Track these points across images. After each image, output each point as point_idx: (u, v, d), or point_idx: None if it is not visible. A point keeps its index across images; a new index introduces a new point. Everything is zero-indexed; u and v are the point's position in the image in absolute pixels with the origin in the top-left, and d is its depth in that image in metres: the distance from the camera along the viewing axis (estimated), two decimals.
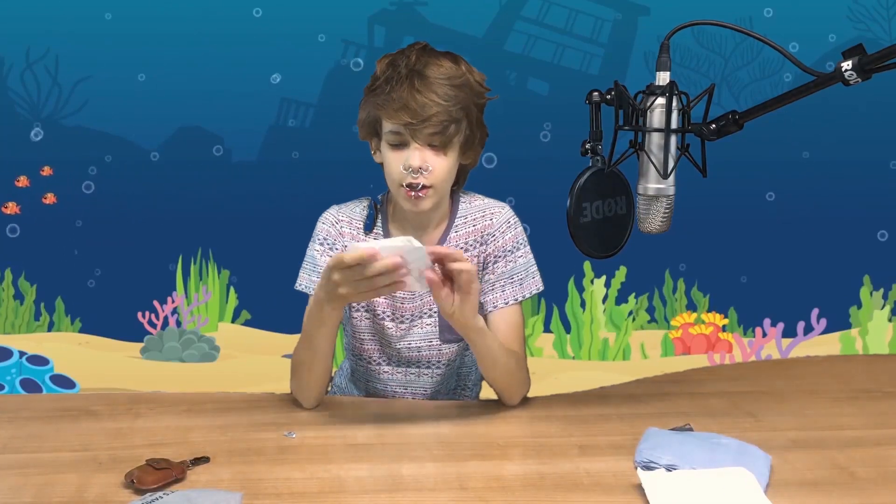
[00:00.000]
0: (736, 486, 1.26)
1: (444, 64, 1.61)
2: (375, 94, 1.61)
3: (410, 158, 1.60)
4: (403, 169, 1.60)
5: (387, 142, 1.63)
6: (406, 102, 1.56)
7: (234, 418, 1.59)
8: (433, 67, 1.59)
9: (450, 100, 1.58)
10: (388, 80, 1.59)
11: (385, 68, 1.61)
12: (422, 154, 1.60)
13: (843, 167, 3.99)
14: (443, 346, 1.76)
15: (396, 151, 1.62)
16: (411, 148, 1.60)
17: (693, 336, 3.98)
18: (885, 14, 4.02)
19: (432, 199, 1.64)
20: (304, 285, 1.71)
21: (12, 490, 1.30)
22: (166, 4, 3.92)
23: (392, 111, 1.58)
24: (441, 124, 1.58)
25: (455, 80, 1.60)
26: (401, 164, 1.61)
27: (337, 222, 1.74)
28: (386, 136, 1.63)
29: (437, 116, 1.57)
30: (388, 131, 1.62)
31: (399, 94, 1.57)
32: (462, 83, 1.61)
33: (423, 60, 1.60)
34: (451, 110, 1.59)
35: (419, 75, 1.58)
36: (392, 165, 1.62)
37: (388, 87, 1.58)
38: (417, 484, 1.33)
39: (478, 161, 1.74)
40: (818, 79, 1.39)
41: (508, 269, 1.71)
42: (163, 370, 3.87)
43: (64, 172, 3.96)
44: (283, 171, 4.00)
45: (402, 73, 1.58)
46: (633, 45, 4.07)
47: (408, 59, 1.60)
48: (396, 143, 1.61)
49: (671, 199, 1.48)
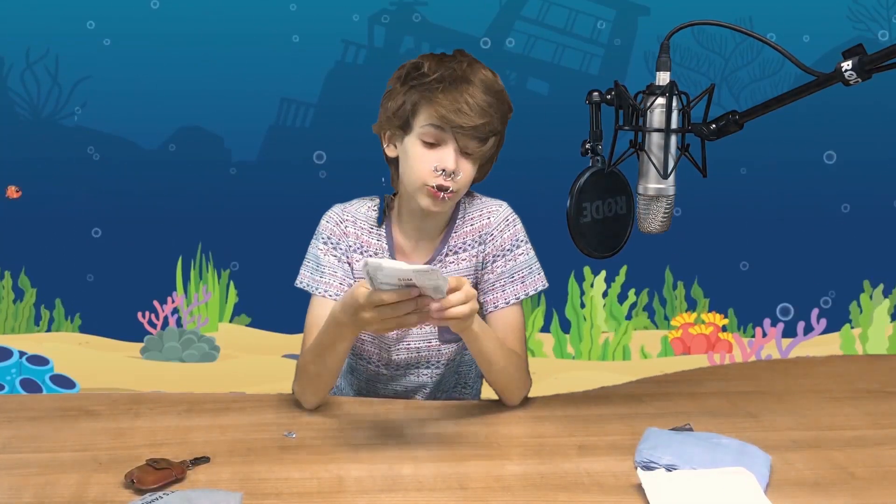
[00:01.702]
0: (736, 486, 1.26)
1: (489, 75, 1.62)
2: (424, 87, 1.60)
3: (446, 160, 1.59)
4: (436, 169, 1.59)
5: (420, 137, 1.61)
6: (460, 105, 1.57)
7: (234, 418, 1.59)
8: (481, 76, 1.60)
9: (497, 112, 1.60)
10: (442, 79, 1.58)
11: (435, 66, 1.60)
12: (456, 157, 1.60)
13: (844, 167, 3.99)
14: (442, 346, 1.76)
15: (428, 149, 1.60)
16: (448, 149, 1.59)
17: (693, 336, 3.98)
18: (885, 14, 4.02)
19: (452, 203, 1.65)
20: (304, 283, 1.71)
21: (12, 490, 1.30)
22: (166, 4, 3.92)
23: (444, 109, 1.57)
24: (487, 133, 1.60)
25: (500, 94, 1.62)
26: (432, 163, 1.59)
27: (341, 221, 1.73)
28: (422, 130, 1.60)
29: (484, 126, 1.58)
30: (426, 125, 1.60)
31: (454, 95, 1.57)
32: (502, 98, 1.63)
33: (473, 69, 1.61)
34: (495, 121, 1.61)
35: (471, 82, 1.59)
36: (421, 163, 1.61)
37: (440, 86, 1.58)
38: (417, 484, 1.33)
39: (487, 173, 1.73)
40: (818, 79, 1.39)
41: (508, 267, 1.71)
42: (163, 370, 3.87)
43: (64, 172, 3.96)
44: (283, 171, 4.00)
45: (458, 74, 1.59)
46: (633, 45, 4.07)
47: (460, 64, 1.61)
48: (432, 141, 1.60)
49: (671, 199, 1.48)
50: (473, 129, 1.58)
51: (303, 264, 1.73)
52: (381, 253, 1.72)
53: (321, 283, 1.69)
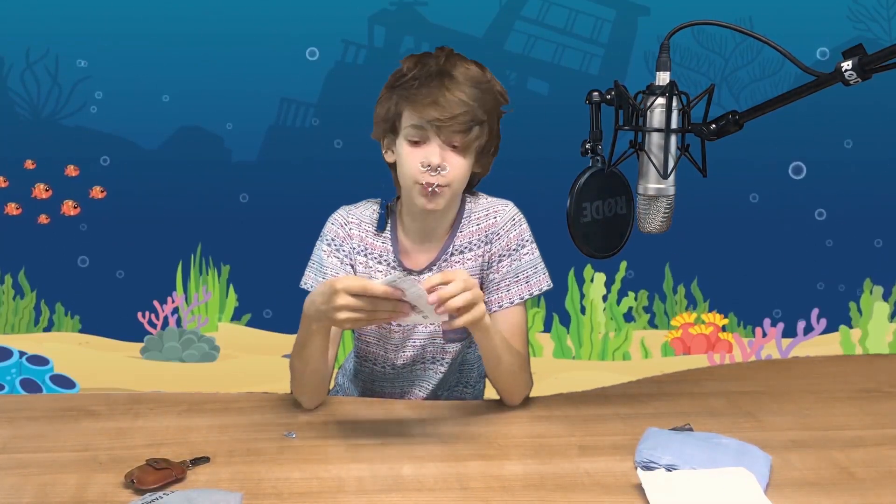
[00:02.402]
0: (736, 486, 1.26)
1: (472, 68, 1.63)
2: (402, 88, 1.62)
3: (430, 155, 1.60)
4: (422, 166, 1.60)
5: (406, 137, 1.62)
6: (435, 98, 1.58)
7: (234, 418, 1.59)
8: (461, 69, 1.61)
9: (476, 101, 1.60)
10: (417, 77, 1.60)
11: (413, 66, 1.62)
12: (442, 152, 1.60)
13: (844, 167, 3.99)
14: (447, 344, 1.76)
15: (415, 148, 1.62)
16: (432, 145, 1.61)
17: (693, 336, 3.98)
18: (885, 14, 4.02)
19: (446, 199, 1.64)
20: (309, 284, 1.71)
21: (12, 490, 1.30)
22: (167, 4, 3.92)
23: (421, 106, 1.59)
24: (467, 123, 1.60)
25: (482, 84, 1.62)
26: (419, 160, 1.60)
27: (346, 224, 1.74)
28: (406, 130, 1.62)
29: (463, 115, 1.59)
30: (409, 125, 1.61)
31: (429, 90, 1.58)
32: (488, 88, 1.63)
33: (451, 62, 1.62)
34: (477, 112, 1.60)
35: (448, 75, 1.60)
36: (409, 162, 1.62)
37: (416, 83, 1.59)
38: (417, 484, 1.33)
39: (489, 170, 1.74)
40: (818, 79, 1.39)
41: (513, 267, 1.71)
42: (163, 370, 3.87)
43: (63, 172, 3.95)
44: (283, 171, 4.00)
45: (433, 70, 1.60)
46: (633, 45, 4.07)
47: (437, 59, 1.62)
48: (416, 139, 1.61)
49: (671, 199, 1.48)
50: (452, 121, 1.58)
51: (307, 265, 1.74)
52: (385, 255, 1.72)
53: None
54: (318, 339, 1.55)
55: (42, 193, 3.86)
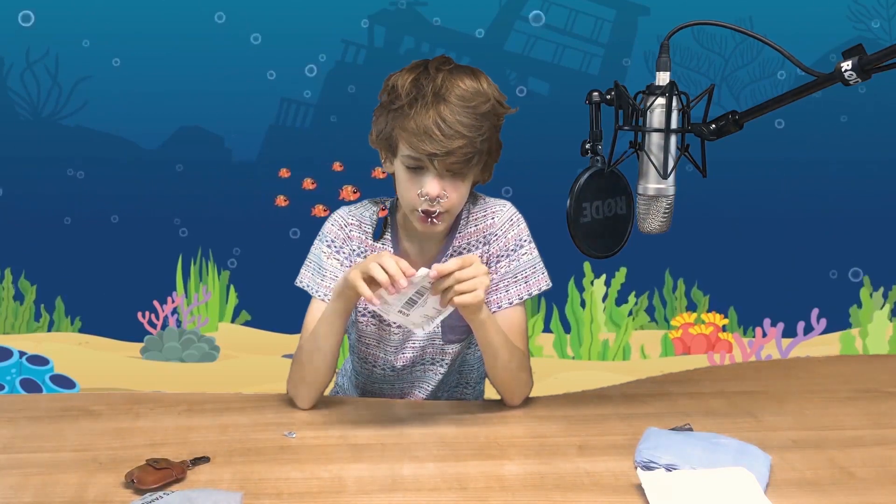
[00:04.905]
0: (736, 486, 1.26)
1: (467, 84, 1.54)
2: (397, 113, 1.56)
3: (428, 186, 1.56)
4: (420, 195, 1.57)
5: (403, 163, 1.58)
6: (430, 133, 1.51)
7: (234, 418, 1.59)
8: (458, 90, 1.53)
9: (474, 130, 1.53)
10: (412, 102, 1.53)
11: (408, 87, 1.55)
12: (440, 182, 1.56)
13: (845, 167, 3.99)
14: (446, 346, 1.76)
15: (413, 175, 1.58)
16: (429, 175, 1.56)
17: (693, 336, 3.98)
18: (885, 14, 4.02)
19: (446, 223, 1.63)
20: (305, 283, 1.71)
21: (12, 490, 1.30)
22: (167, 4, 3.92)
23: (416, 140, 1.53)
24: (465, 156, 1.54)
25: (480, 106, 1.54)
26: (417, 188, 1.57)
27: (346, 225, 1.73)
28: (403, 158, 1.58)
29: (461, 149, 1.53)
30: (406, 154, 1.57)
31: (423, 121, 1.51)
32: (487, 110, 1.55)
33: (447, 85, 1.53)
34: (476, 141, 1.54)
35: (444, 100, 1.52)
36: (408, 189, 1.59)
37: (411, 111, 1.53)
38: (417, 484, 1.33)
39: (491, 175, 1.70)
40: (818, 79, 1.39)
41: (512, 268, 1.70)
42: (163, 370, 3.87)
43: (64, 172, 3.96)
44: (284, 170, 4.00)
45: (428, 97, 1.52)
46: (633, 45, 4.07)
47: (433, 81, 1.54)
48: (414, 167, 1.57)
49: (671, 199, 1.48)
50: (449, 155, 1.53)
51: (304, 264, 1.73)
52: None
53: (322, 287, 1.69)
54: (336, 320, 1.57)
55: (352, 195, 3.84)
